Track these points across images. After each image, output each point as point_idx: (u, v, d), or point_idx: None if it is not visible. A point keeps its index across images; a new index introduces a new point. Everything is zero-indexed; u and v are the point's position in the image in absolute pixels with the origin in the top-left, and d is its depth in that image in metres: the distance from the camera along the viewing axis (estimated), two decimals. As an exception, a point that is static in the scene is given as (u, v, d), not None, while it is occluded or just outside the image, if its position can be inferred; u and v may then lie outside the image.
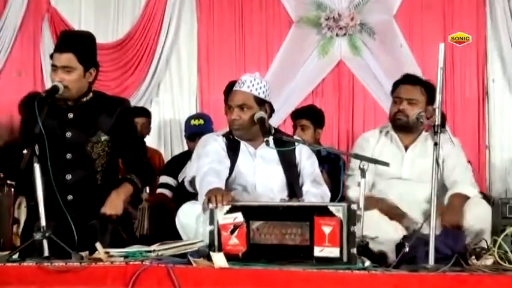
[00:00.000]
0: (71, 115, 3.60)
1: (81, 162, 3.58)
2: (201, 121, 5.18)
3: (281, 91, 6.09)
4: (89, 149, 3.59)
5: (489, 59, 6.36)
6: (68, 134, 3.58)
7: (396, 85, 3.99)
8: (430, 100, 3.77)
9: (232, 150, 3.67)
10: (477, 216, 3.48)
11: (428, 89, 3.83)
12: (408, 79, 3.98)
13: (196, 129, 5.03)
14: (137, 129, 3.91)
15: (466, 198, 3.67)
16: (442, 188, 3.88)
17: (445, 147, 3.82)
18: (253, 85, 3.65)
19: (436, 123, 3.07)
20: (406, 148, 3.94)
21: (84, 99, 3.63)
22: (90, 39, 3.70)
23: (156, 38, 6.46)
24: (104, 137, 3.61)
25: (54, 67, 3.54)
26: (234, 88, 3.70)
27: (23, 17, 6.52)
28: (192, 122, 5.19)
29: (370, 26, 6.32)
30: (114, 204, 3.49)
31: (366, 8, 6.33)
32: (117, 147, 3.66)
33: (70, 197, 3.53)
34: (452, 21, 6.32)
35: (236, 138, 3.70)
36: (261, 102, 3.65)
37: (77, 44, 3.59)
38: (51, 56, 3.60)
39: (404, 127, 3.87)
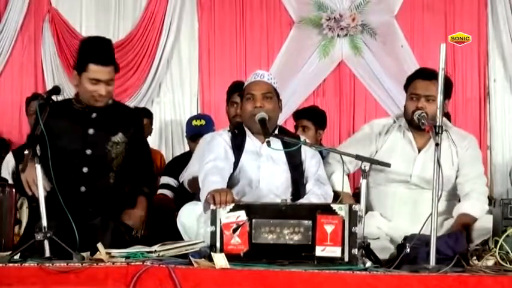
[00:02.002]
0: (94, 115, 3.70)
1: (98, 159, 3.66)
2: (203, 121, 5.18)
3: (282, 91, 5.96)
4: (109, 148, 3.68)
5: (490, 59, 6.36)
6: (91, 131, 3.67)
7: (411, 80, 3.81)
8: (446, 94, 3.48)
9: (237, 146, 3.66)
10: (481, 233, 3.45)
11: (444, 83, 3.61)
12: (424, 74, 3.79)
13: (197, 130, 5.03)
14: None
15: (473, 220, 3.56)
16: (453, 192, 3.83)
17: (463, 152, 3.77)
18: (271, 78, 3.71)
19: (438, 124, 3.06)
20: (419, 150, 3.80)
21: (108, 102, 3.75)
22: (112, 45, 3.81)
23: (157, 39, 6.47)
24: (123, 139, 3.71)
25: (96, 80, 3.60)
26: (254, 79, 3.68)
27: (23, 18, 6.53)
28: (194, 122, 5.19)
29: (372, 27, 6.33)
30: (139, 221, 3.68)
31: (367, 8, 6.34)
32: (130, 152, 3.75)
33: (83, 189, 3.63)
34: (454, 22, 6.33)
35: (246, 127, 3.69)
36: (278, 97, 3.68)
37: (113, 54, 3.71)
38: (83, 67, 3.62)
39: (422, 128, 3.58)
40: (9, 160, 5.13)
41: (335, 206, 2.97)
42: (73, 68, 3.78)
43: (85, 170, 3.64)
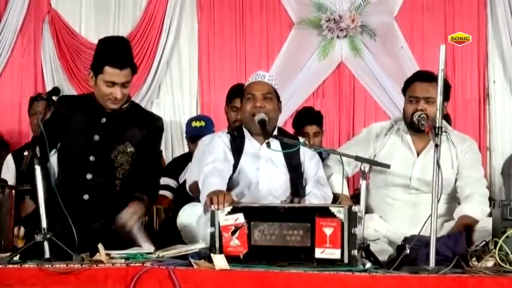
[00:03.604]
0: (103, 120, 3.65)
1: (102, 167, 3.61)
2: (203, 123, 5.17)
3: (282, 93, 5.99)
4: (112, 157, 3.63)
5: (490, 60, 6.36)
6: (96, 138, 3.62)
7: (409, 83, 3.80)
8: (445, 96, 3.39)
9: (236, 148, 3.66)
10: (481, 234, 3.42)
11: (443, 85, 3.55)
12: (422, 76, 3.78)
13: (197, 131, 5.01)
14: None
15: (474, 222, 3.55)
16: (453, 195, 3.83)
17: (463, 155, 3.77)
18: (272, 79, 3.71)
19: (437, 125, 3.06)
20: (418, 154, 3.79)
21: (123, 106, 3.69)
22: (130, 45, 3.76)
23: (157, 40, 6.46)
24: (130, 149, 3.65)
25: (111, 83, 3.56)
26: (255, 80, 3.69)
27: (23, 19, 6.52)
28: (194, 123, 5.18)
29: (371, 28, 6.33)
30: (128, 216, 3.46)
31: (366, 9, 6.33)
32: (137, 159, 3.68)
33: (86, 197, 3.59)
34: (453, 23, 6.32)
35: (245, 128, 3.69)
36: (278, 98, 3.68)
37: (131, 56, 3.66)
38: (99, 69, 3.57)
39: (421, 129, 3.55)
40: (9, 161, 5.13)
41: (334, 209, 2.96)
42: (89, 69, 3.70)
43: (89, 176, 3.61)
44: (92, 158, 3.61)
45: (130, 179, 3.68)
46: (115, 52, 3.61)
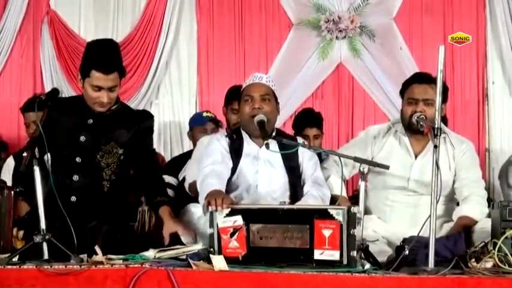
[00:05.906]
0: (90, 121, 3.63)
1: (88, 168, 3.59)
2: (211, 114, 5.20)
3: (281, 94, 5.97)
4: (98, 157, 3.60)
5: (489, 61, 6.37)
6: (82, 138, 3.60)
7: (407, 85, 3.78)
8: (444, 98, 3.36)
9: (235, 151, 3.65)
10: (481, 235, 3.41)
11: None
12: (421, 78, 3.77)
13: (211, 119, 5.03)
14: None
15: (473, 223, 3.56)
16: (451, 196, 3.83)
17: (461, 156, 3.76)
18: (270, 81, 3.71)
19: (436, 126, 3.06)
20: (416, 156, 3.79)
21: (111, 108, 3.66)
22: (118, 48, 3.71)
23: (156, 40, 6.47)
24: (116, 150, 3.63)
25: (98, 87, 3.54)
26: (252, 81, 3.68)
27: (22, 19, 6.53)
28: (205, 114, 5.20)
29: (370, 29, 6.34)
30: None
31: (365, 10, 6.34)
32: (130, 160, 3.66)
33: (73, 198, 3.56)
34: (452, 24, 6.34)
35: (244, 130, 3.68)
36: (276, 100, 3.67)
37: (118, 60, 3.61)
38: (86, 72, 3.54)
39: (420, 131, 3.55)
40: (10, 163, 5.13)
41: (332, 211, 2.96)
42: (78, 71, 3.67)
43: (75, 177, 3.59)
44: (78, 159, 3.59)
45: (125, 182, 3.66)
46: (102, 56, 3.56)
